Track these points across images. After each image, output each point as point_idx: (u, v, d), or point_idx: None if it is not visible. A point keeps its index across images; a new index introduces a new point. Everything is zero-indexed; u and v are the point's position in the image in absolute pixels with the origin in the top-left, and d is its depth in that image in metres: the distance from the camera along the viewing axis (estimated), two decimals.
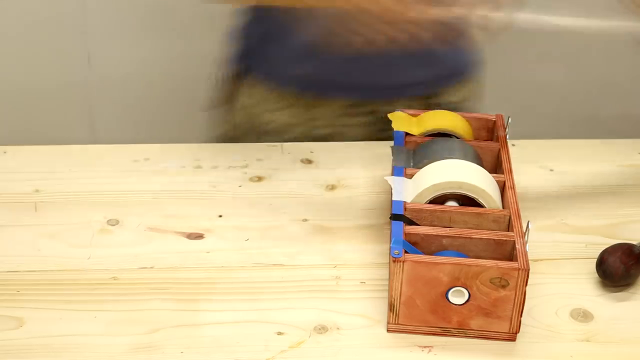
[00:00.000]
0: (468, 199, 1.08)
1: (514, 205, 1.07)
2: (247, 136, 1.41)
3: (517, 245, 1.01)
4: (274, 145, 1.33)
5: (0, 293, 1.06)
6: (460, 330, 1.02)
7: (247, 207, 1.20)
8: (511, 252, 1.03)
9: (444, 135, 1.20)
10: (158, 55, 2.15)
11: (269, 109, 1.39)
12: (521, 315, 1.01)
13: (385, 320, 1.03)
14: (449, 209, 1.07)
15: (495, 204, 1.08)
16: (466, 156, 1.13)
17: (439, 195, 1.08)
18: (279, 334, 1.02)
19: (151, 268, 1.10)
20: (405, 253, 1.00)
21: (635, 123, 1.99)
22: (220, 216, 1.19)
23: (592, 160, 1.31)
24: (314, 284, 1.09)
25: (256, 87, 1.40)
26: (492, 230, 1.06)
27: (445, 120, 1.21)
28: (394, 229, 1.03)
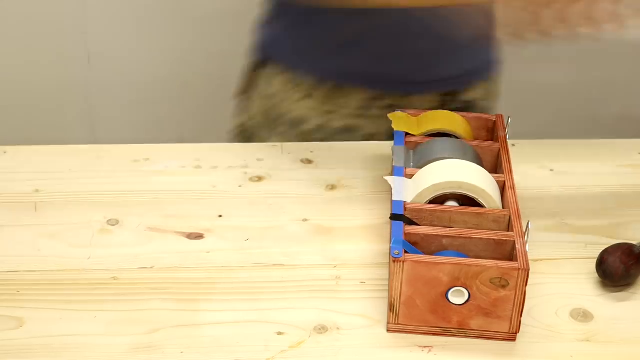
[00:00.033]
0: (468, 199, 1.08)
1: (514, 205, 1.07)
2: (262, 128, 1.41)
3: (517, 245, 1.01)
4: (274, 145, 1.33)
5: (0, 293, 1.06)
6: (460, 330, 1.02)
7: (247, 207, 1.20)
8: (511, 252, 1.03)
9: (444, 135, 1.20)
10: (158, 55, 2.15)
11: (287, 99, 1.39)
12: (521, 315, 1.00)
13: (385, 320, 1.03)
14: (449, 209, 1.07)
15: (495, 204, 1.08)
16: (466, 156, 1.13)
17: (439, 195, 1.08)
18: (279, 334, 1.02)
19: (151, 268, 1.10)
20: (405, 253, 1.00)
21: (635, 123, 1.99)
22: (220, 216, 1.19)
23: (592, 160, 1.31)
24: (314, 284, 1.09)
25: (276, 77, 1.40)
26: (492, 230, 1.06)
27: (445, 120, 1.21)
28: (394, 229, 1.03)
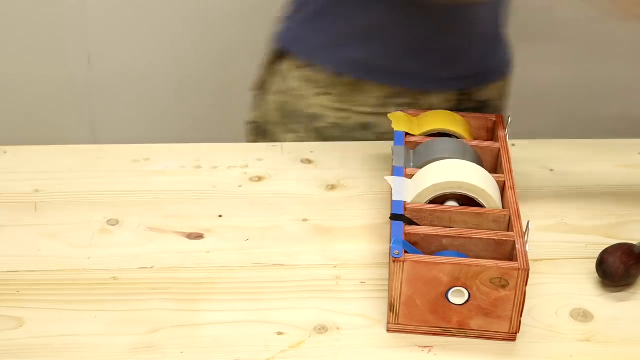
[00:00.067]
0: (468, 199, 1.08)
1: (514, 205, 1.07)
2: (277, 124, 1.41)
3: (517, 245, 1.01)
4: (274, 145, 1.33)
5: (0, 293, 1.06)
6: (460, 330, 1.02)
7: (247, 207, 1.20)
8: (511, 252, 1.03)
9: (444, 135, 1.20)
10: (158, 55, 2.15)
11: (304, 95, 1.38)
12: (521, 315, 1.00)
13: (385, 320, 1.03)
14: (449, 209, 1.07)
15: (495, 204, 1.08)
16: (466, 156, 1.13)
17: (439, 195, 1.08)
18: (279, 334, 1.02)
19: (151, 268, 1.10)
20: (405, 253, 1.00)
21: (635, 123, 1.99)
22: (220, 216, 1.19)
23: (592, 160, 1.31)
24: (314, 284, 1.09)
25: (293, 73, 1.39)
26: (492, 230, 1.06)
27: (445, 120, 1.21)
28: (394, 229, 1.03)
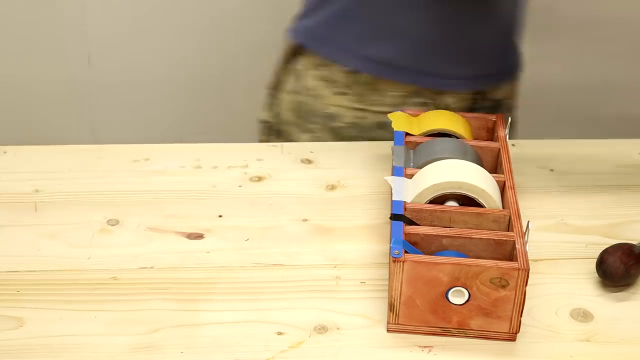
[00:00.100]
0: (468, 199, 1.08)
1: (514, 205, 1.07)
2: (292, 125, 1.41)
3: (517, 245, 1.01)
4: (274, 146, 1.33)
5: (0, 293, 1.06)
6: (460, 330, 1.02)
7: (247, 207, 1.20)
8: (511, 252, 1.03)
9: (444, 135, 1.20)
10: (158, 55, 2.15)
11: (320, 95, 1.38)
12: (521, 315, 1.00)
13: (385, 320, 1.03)
14: (449, 209, 1.07)
15: (495, 204, 1.08)
16: (466, 156, 1.13)
17: (439, 195, 1.08)
18: (279, 334, 1.02)
19: (151, 268, 1.10)
20: (405, 253, 1.00)
21: (635, 123, 1.99)
22: (220, 216, 1.19)
23: (592, 160, 1.31)
24: (314, 284, 1.09)
25: (309, 72, 1.39)
26: (492, 230, 1.06)
27: (445, 120, 1.21)
28: (394, 229, 1.03)
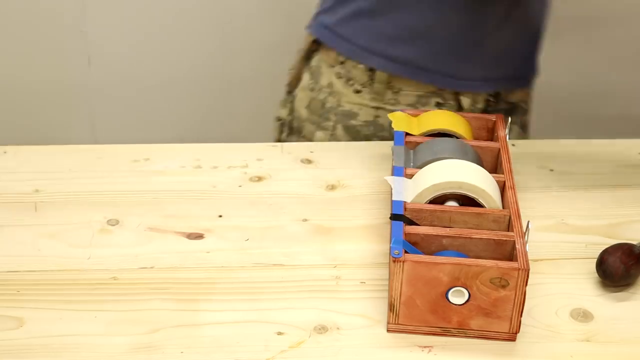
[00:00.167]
0: (468, 199, 1.08)
1: (514, 205, 1.07)
2: (307, 122, 1.41)
3: (517, 245, 1.01)
4: (274, 145, 1.33)
5: (0, 293, 1.06)
6: (460, 330, 1.02)
7: (247, 207, 1.20)
8: (511, 252, 1.03)
9: (444, 135, 1.20)
10: (158, 55, 2.15)
11: (337, 93, 1.38)
12: (521, 315, 1.00)
13: (385, 320, 1.03)
14: (449, 209, 1.07)
15: (495, 204, 1.08)
16: (466, 156, 1.13)
17: (439, 195, 1.08)
18: (279, 334, 1.02)
19: (151, 268, 1.10)
20: (405, 253, 1.00)
21: (635, 123, 1.99)
22: (220, 216, 1.19)
23: (592, 160, 1.31)
24: (314, 284, 1.09)
25: (326, 70, 1.39)
26: (492, 230, 1.06)
27: (445, 120, 1.21)
28: (394, 229, 1.03)
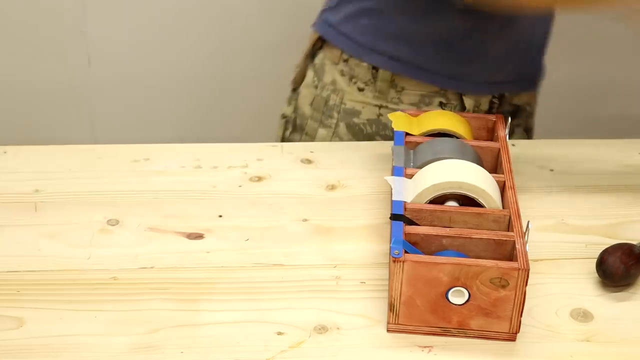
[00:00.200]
0: (468, 199, 1.08)
1: (514, 205, 1.07)
2: (310, 119, 1.41)
3: (517, 245, 1.01)
4: (274, 145, 1.33)
5: (0, 293, 1.06)
6: (460, 330, 1.02)
7: (247, 207, 1.20)
8: (511, 252, 1.03)
9: (444, 135, 1.20)
10: (158, 55, 2.15)
11: (340, 90, 1.38)
12: (521, 315, 1.00)
13: (385, 320, 1.03)
14: (449, 209, 1.07)
15: (495, 204, 1.08)
16: (466, 156, 1.13)
17: (439, 195, 1.08)
18: (279, 334, 1.02)
19: (151, 268, 1.10)
20: (405, 253, 1.00)
21: (635, 123, 1.99)
22: (220, 216, 1.19)
23: (592, 160, 1.31)
24: (314, 284, 1.09)
25: (330, 67, 1.39)
26: (492, 230, 1.06)
27: (445, 120, 1.21)
28: (394, 229, 1.03)
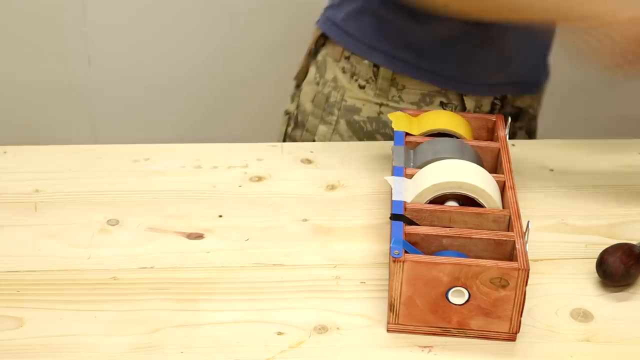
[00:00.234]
0: (468, 199, 1.08)
1: (514, 205, 1.07)
2: (312, 115, 1.41)
3: (517, 245, 1.01)
4: (274, 145, 1.33)
5: (0, 293, 1.06)
6: (460, 330, 1.02)
7: (247, 207, 1.20)
8: (511, 252, 1.03)
9: (444, 135, 1.20)
10: (158, 55, 2.15)
11: (341, 87, 1.38)
12: (521, 315, 1.00)
13: (385, 320, 1.03)
14: (449, 209, 1.07)
15: (495, 204, 1.08)
16: (466, 156, 1.13)
17: (439, 195, 1.08)
18: (279, 334, 1.02)
19: (151, 268, 1.10)
20: (405, 253, 1.00)
21: (635, 123, 1.99)
22: (220, 216, 1.19)
23: (592, 160, 1.31)
24: (314, 284, 1.09)
25: (332, 64, 1.39)
26: (492, 230, 1.06)
27: (445, 120, 1.21)
28: (394, 229, 1.03)
